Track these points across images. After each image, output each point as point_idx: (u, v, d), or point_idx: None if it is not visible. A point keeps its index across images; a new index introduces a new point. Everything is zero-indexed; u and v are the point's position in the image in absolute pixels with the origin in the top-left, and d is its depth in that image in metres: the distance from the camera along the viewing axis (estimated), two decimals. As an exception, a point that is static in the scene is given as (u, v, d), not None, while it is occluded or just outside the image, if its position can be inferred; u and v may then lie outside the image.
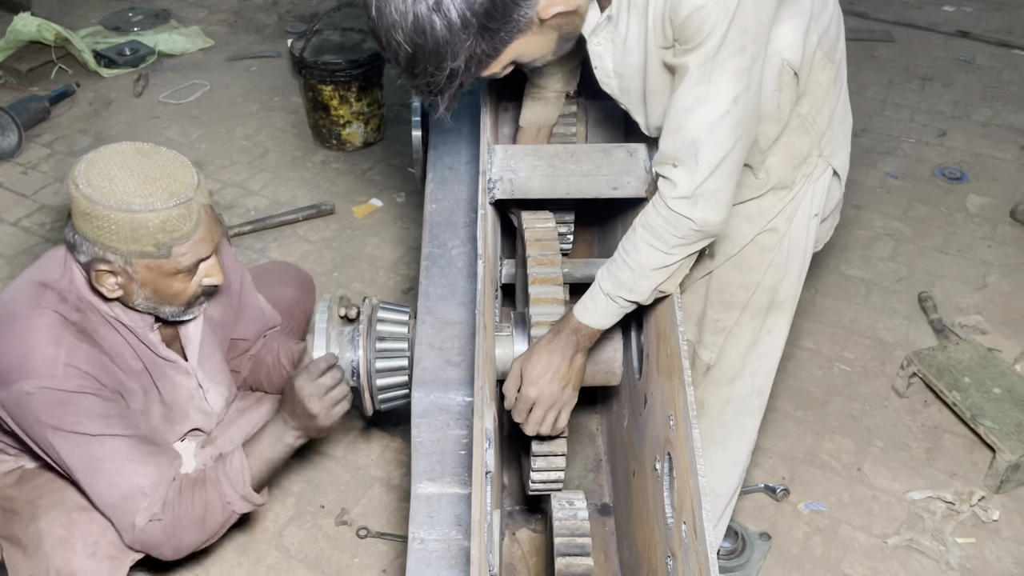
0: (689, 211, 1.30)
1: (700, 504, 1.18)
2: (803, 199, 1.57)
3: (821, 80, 1.46)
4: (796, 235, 1.60)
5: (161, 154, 1.61)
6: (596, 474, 2.31)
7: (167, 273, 1.63)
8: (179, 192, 1.56)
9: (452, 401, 1.49)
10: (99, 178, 1.54)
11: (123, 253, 1.57)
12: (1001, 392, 2.45)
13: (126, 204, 1.52)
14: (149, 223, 1.54)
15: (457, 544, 1.40)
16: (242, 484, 1.77)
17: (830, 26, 1.45)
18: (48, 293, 1.67)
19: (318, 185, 3.49)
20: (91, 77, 4.16)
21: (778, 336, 1.71)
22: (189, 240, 1.60)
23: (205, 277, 1.70)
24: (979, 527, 2.27)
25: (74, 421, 1.63)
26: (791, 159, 1.52)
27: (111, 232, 1.54)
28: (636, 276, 1.38)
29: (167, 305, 1.70)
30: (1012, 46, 4.49)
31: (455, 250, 1.68)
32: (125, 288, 1.64)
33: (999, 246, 3.22)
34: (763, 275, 1.63)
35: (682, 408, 1.31)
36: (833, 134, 1.54)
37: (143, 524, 1.69)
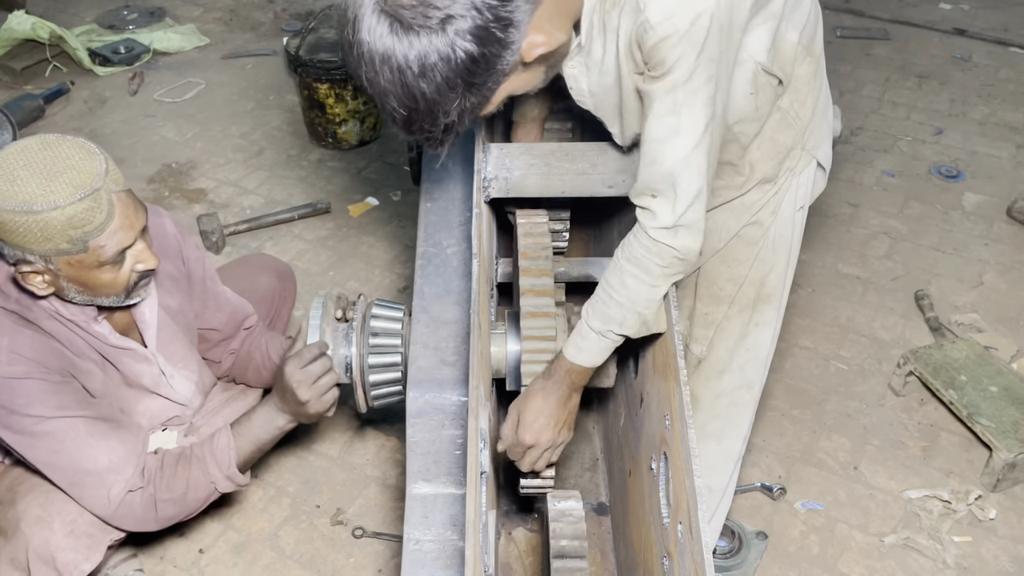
0: (671, 240, 1.32)
1: (696, 504, 1.18)
2: (787, 192, 1.58)
3: (801, 74, 1.46)
4: (782, 228, 1.60)
5: (66, 145, 1.54)
6: (592, 473, 2.30)
7: (90, 266, 1.58)
8: (83, 184, 1.50)
9: (447, 401, 1.49)
10: (2, 181, 1.49)
11: (40, 253, 1.53)
12: (997, 390, 2.44)
13: (28, 206, 1.47)
14: (55, 221, 1.49)
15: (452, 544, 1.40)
16: (227, 463, 1.77)
17: (808, 21, 1.44)
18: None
19: (314, 184, 3.48)
20: (86, 75, 4.15)
21: (766, 329, 1.71)
22: (104, 231, 1.55)
23: (137, 263, 1.65)
24: (976, 526, 2.27)
25: (24, 404, 1.62)
26: (775, 153, 1.52)
27: (21, 235, 1.50)
28: (624, 311, 1.39)
29: (103, 296, 1.67)
30: (1009, 44, 4.49)
31: (450, 249, 1.68)
32: (54, 284, 1.62)
33: (995, 244, 3.21)
34: (749, 268, 1.63)
35: (678, 407, 1.31)
36: (816, 127, 1.55)
37: (120, 496, 1.69)
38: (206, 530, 2.24)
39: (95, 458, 1.68)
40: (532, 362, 1.57)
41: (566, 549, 1.52)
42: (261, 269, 2.34)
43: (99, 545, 1.78)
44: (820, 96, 1.54)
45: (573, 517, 1.56)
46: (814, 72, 1.49)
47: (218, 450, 1.78)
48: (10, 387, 1.62)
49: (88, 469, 1.68)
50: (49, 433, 1.65)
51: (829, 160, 1.61)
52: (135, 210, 1.60)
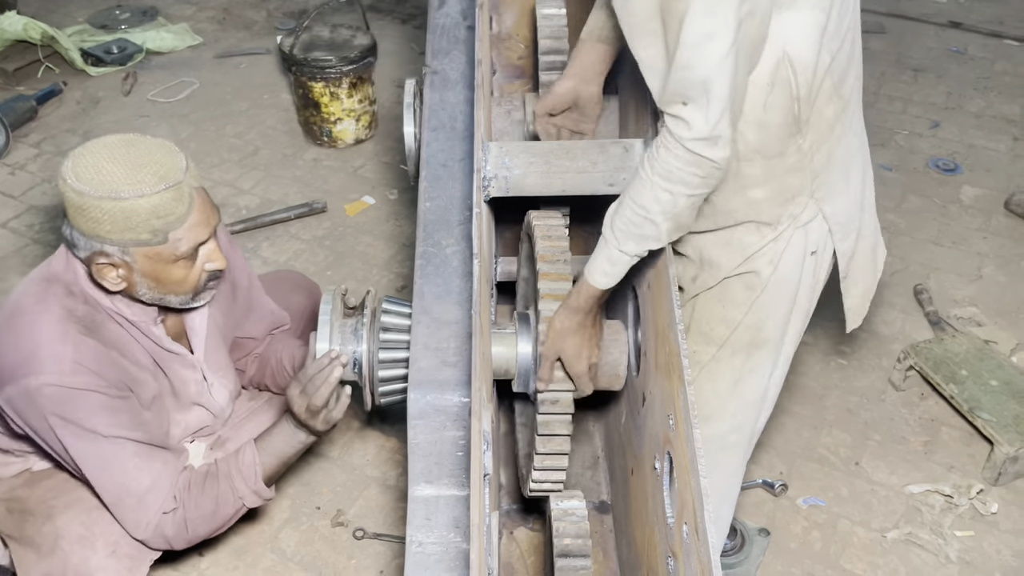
0: (710, 152, 1.27)
1: (702, 505, 1.17)
2: (789, 243, 1.51)
3: (826, 113, 1.40)
4: (787, 273, 1.53)
5: (148, 142, 1.60)
6: (593, 471, 2.29)
7: (167, 260, 1.61)
8: (168, 176, 1.55)
9: (449, 402, 1.47)
10: (87, 170, 1.53)
11: (119, 243, 1.56)
12: (998, 384, 2.44)
13: (115, 192, 1.51)
14: (140, 209, 1.53)
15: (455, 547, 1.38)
16: (253, 478, 1.77)
17: (840, 54, 1.38)
18: (55, 287, 1.66)
19: (309, 183, 3.46)
20: (78, 76, 4.12)
21: (760, 376, 1.66)
22: (184, 224, 1.59)
23: (207, 262, 1.68)
24: (978, 520, 2.27)
25: (82, 417, 1.62)
26: (780, 195, 1.46)
27: (104, 223, 1.53)
28: (659, 227, 1.36)
29: (172, 294, 1.69)
30: (1004, 36, 4.48)
31: (449, 249, 1.66)
32: (128, 280, 1.63)
33: (993, 237, 3.21)
34: (745, 315, 1.58)
35: (682, 407, 1.30)
36: (829, 178, 1.47)
37: (156, 518, 1.70)
38: (206, 533, 2.23)
39: (139, 480, 1.68)
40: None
41: (570, 548, 1.51)
42: (295, 288, 2.34)
43: (139, 567, 1.78)
44: (840, 146, 1.47)
45: (576, 516, 1.56)
46: (838, 116, 1.43)
47: (244, 466, 1.77)
48: (71, 398, 1.61)
49: (131, 490, 1.68)
50: (100, 449, 1.65)
51: (841, 219, 1.52)
52: (211, 207, 1.65)
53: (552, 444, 1.62)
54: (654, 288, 1.54)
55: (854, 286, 1.64)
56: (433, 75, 1.96)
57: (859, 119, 1.52)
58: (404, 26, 4.59)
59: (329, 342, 1.73)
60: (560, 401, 1.60)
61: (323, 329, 1.72)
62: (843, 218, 1.52)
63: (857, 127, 1.52)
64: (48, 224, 3.25)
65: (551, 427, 1.61)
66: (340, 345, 1.73)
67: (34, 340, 1.61)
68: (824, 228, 1.51)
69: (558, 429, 1.61)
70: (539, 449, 1.62)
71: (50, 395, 1.60)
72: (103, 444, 1.65)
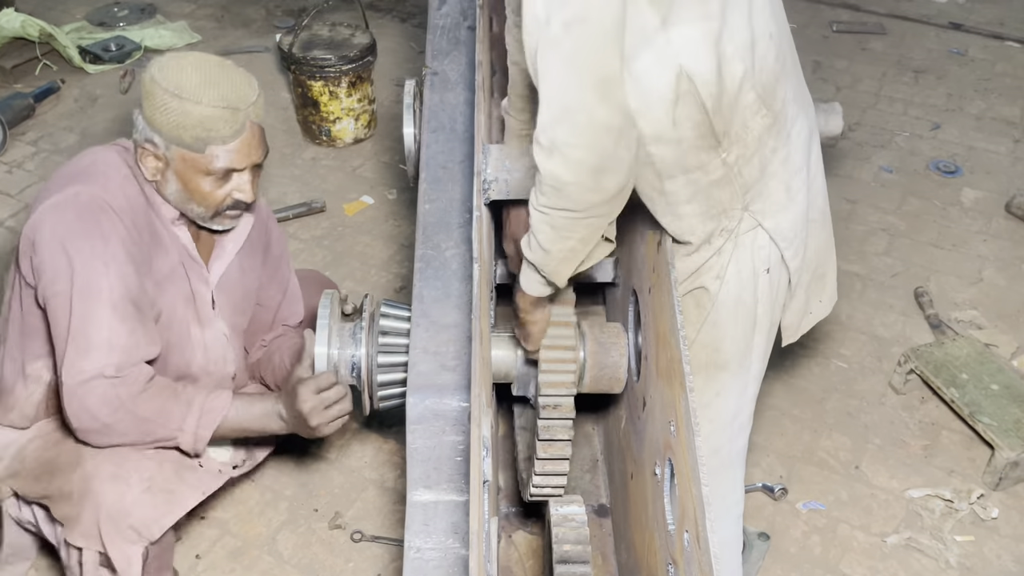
0: (541, 158, 1.18)
1: (703, 513, 1.16)
2: (732, 256, 1.47)
3: (752, 127, 1.35)
4: (740, 292, 1.49)
5: (236, 71, 1.73)
6: (592, 475, 2.28)
7: (199, 170, 1.72)
8: (230, 99, 1.68)
9: (448, 407, 1.46)
10: (171, 68, 1.68)
11: (165, 137, 1.69)
12: (999, 388, 2.43)
13: (178, 89, 1.65)
14: (193, 113, 1.65)
15: (454, 553, 1.37)
16: (208, 424, 1.74)
17: (762, 65, 1.33)
18: (119, 147, 1.82)
19: (308, 182, 3.45)
20: (76, 73, 4.10)
21: (728, 398, 1.63)
22: (226, 145, 1.70)
23: (235, 190, 1.77)
24: (978, 525, 2.26)
25: (96, 237, 1.66)
26: (709, 209, 1.41)
27: (160, 112, 1.67)
28: (532, 237, 1.31)
29: (195, 204, 1.77)
30: (1005, 38, 4.47)
31: (449, 251, 1.65)
32: (162, 174, 1.74)
33: (994, 240, 3.20)
34: (698, 332, 1.54)
35: (684, 414, 1.28)
36: (765, 190, 1.42)
37: (89, 375, 1.64)
38: (202, 535, 2.21)
39: (99, 329, 1.65)
40: (551, 371, 1.55)
41: (569, 554, 1.50)
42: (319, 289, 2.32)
43: (179, 501, 1.76)
44: (775, 159, 1.41)
45: (576, 522, 1.54)
46: (768, 129, 1.37)
47: (209, 407, 1.74)
48: (100, 212, 1.67)
49: (87, 334, 1.64)
50: (90, 277, 1.65)
51: (785, 235, 1.46)
52: (258, 144, 1.77)
53: (553, 449, 1.61)
54: (655, 293, 1.53)
55: (792, 299, 1.61)
56: (433, 76, 1.95)
57: (802, 134, 1.46)
58: (403, 25, 4.58)
59: (328, 345, 1.72)
60: (561, 406, 1.59)
61: (322, 332, 1.71)
62: (790, 233, 1.48)
63: (798, 142, 1.46)
64: (45, 223, 3.23)
65: (552, 432, 1.60)
66: (339, 348, 1.71)
67: (92, 162, 1.75)
68: (772, 244, 1.47)
69: (559, 434, 1.60)
70: (540, 454, 1.61)
71: (84, 202, 1.67)
72: (97, 273, 1.65)
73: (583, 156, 1.16)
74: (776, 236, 1.47)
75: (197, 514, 2.25)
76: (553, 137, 1.15)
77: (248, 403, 1.80)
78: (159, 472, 1.73)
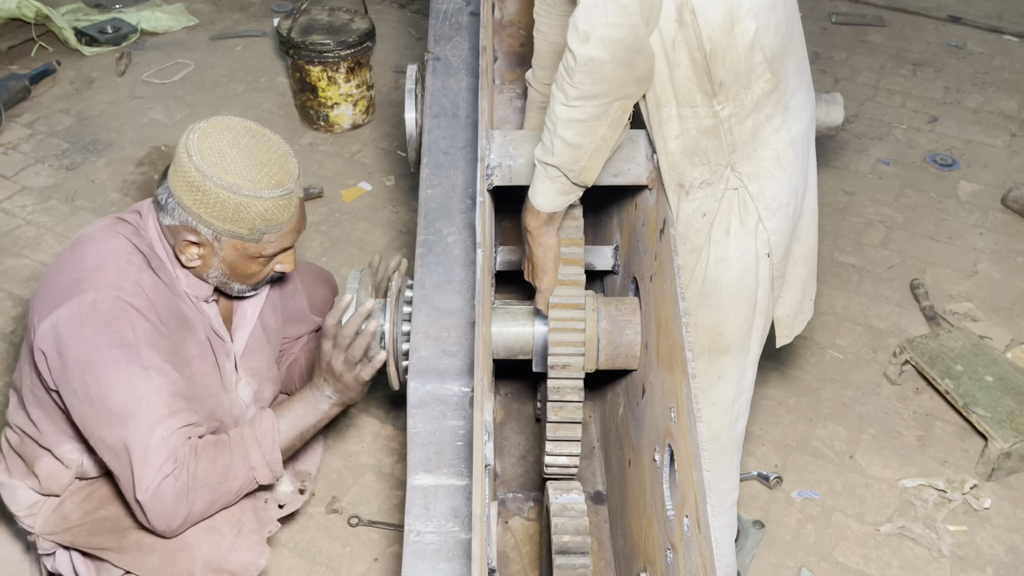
0: (575, 43, 1.24)
1: (704, 498, 1.16)
2: (722, 218, 1.49)
3: (754, 88, 1.38)
4: (742, 275, 1.52)
5: (269, 139, 1.62)
6: (589, 461, 2.29)
7: (250, 256, 1.65)
8: (284, 183, 1.59)
9: (449, 391, 1.47)
10: (211, 153, 1.55)
11: (216, 229, 1.59)
12: (993, 380, 2.45)
13: (236, 187, 1.54)
14: (253, 208, 1.56)
15: (454, 536, 1.38)
16: (270, 447, 1.66)
17: (773, 32, 1.37)
18: (124, 226, 1.67)
19: (306, 168, 3.44)
20: (72, 55, 4.08)
21: (729, 382, 1.65)
22: (282, 230, 1.63)
23: (278, 264, 1.72)
24: (971, 515, 2.28)
25: (129, 342, 1.54)
26: (693, 153, 1.44)
27: (213, 208, 1.56)
28: (550, 135, 1.34)
29: (237, 282, 1.71)
30: (1003, 32, 4.48)
31: (451, 237, 1.65)
32: (204, 260, 1.65)
33: (990, 233, 3.22)
34: (697, 310, 1.56)
35: (685, 401, 1.29)
36: (755, 155, 1.45)
37: (156, 483, 1.54)
38: (200, 518, 2.22)
39: (153, 431, 1.54)
40: (561, 330, 1.55)
41: (568, 545, 1.50)
42: (317, 279, 2.30)
43: (264, 540, 1.72)
44: (770, 127, 1.43)
45: (575, 512, 1.55)
46: (768, 95, 1.40)
47: (261, 433, 1.66)
48: (125, 316, 1.55)
49: (144, 441, 1.54)
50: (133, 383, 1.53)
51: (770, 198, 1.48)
52: (304, 218, 1.69)
53: (564, 412, 1.60)
54: (657, 280, 1.53)
55: (787, 294, 1.62)
56: (435, 61, 1.94)
57: (802, 109, 1.48)
58: (402, 11, 4.56)
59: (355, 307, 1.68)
60: (570, 365, 1.59)
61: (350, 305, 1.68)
62: (773, 203, 1.49)
63: (796, 115, 1.48)
64: (41, 205, 3.22)
65: (562, 393, 1.59)
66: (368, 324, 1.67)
67: (99, 257, 1.60)
68: (754, 211, 1.49)
69: (569, 395, 1.60)
70: (551, 417, 1.61)
71: (105, 310, 1.54)
72: (138, 379, 1.54)
73: (621, 35, 1.24)
74: (759, 202, 1.49)
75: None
76: (592, 20, 1.23)
77: (289, 406, 1.74)
78: (243, 516, 1.69)
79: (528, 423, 2.38)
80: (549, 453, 1.66)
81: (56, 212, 3.19)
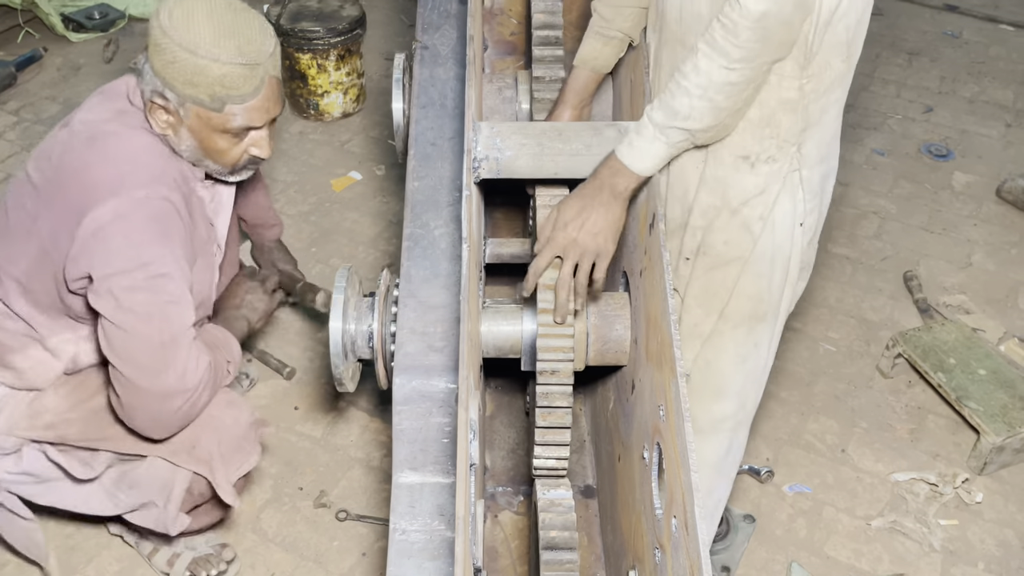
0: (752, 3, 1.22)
1: (692, 500, 1.15)
2: (778, 199, 1.48)
3: (834, 64, 1.38)
4: (780, 240, 1.52)
5: (249, 15, 1.62)
6: (579, 455, 2.28)
7: (215, 128, 1.64)
8: (248, 53, 1.58)
9: (435, 388, 1.44)
10: (180, 17, 1.56)
11: (180, 94, 1.60)
12: (986, 373, 2.44)
13: (194, 46, 1.55)
14: (210, 72, 1.56)
15: (439, 535, 1.36)
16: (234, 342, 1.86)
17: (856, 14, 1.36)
18: (131, 116, 1.69)
19: (295, 157, 3.40)
20: (59, 42, 4.02)
21: (762, 351, 1.65)
22: (244, 103, 1.62)
23: (252, 146, 1.71)
24: (962, 509, 2.27)
25: (172, 240, 1.62)
26: (767, 125, 1.42)
27: (173, 68, 1.57)
28: (693, 99, 1.31)
29: (210, 161, 1.71)
30: (999, 21, 4.45)
31: (438, 231, 1.62)
32: (173, 129, 1.66)
33: (984, 224, 3.20)
34: (738, 277, 1.55)
35: (673, 399, 1.27)
36: (817, 135, 1.45)
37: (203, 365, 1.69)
38: (186, 513, 2.19)
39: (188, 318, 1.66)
40: (549, 336, 1.53)
41: (555, 540, 1.49)
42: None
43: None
44: (833, 110, 1.44)
45: (563, 507, 1.53)
46: (841, 77, 1.40)
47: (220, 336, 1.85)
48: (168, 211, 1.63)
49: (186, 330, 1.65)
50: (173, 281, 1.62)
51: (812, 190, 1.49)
52: (276, 100, 1.68)
53: (553, 417, 1.59)
54: (647, 275, 1.51)
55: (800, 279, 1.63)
56: (423, 50, 1.91)
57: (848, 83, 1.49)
58: (394, -3, 4.51)
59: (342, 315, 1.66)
60: (559, 371, 1.57)
61: (338, 296, 1.66)
62: (817, 188, 1.51)
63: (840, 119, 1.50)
64: (27, 194, 3.18)
65: (551, 399, 1.58)
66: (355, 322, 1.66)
67: (132, 152, 1.64)
68: (801, 195, 1.49)
69: (558, 401, 1.58)
70: (539, 423, 1.60)
71: (155, 207, 1.61)
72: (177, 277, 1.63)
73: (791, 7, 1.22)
74: (806, 188, 1.49)
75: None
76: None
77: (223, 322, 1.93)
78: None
79: (519, 416, 2.36)
80: (538, 456, 1.64)
81: (42, 201, 3.15)
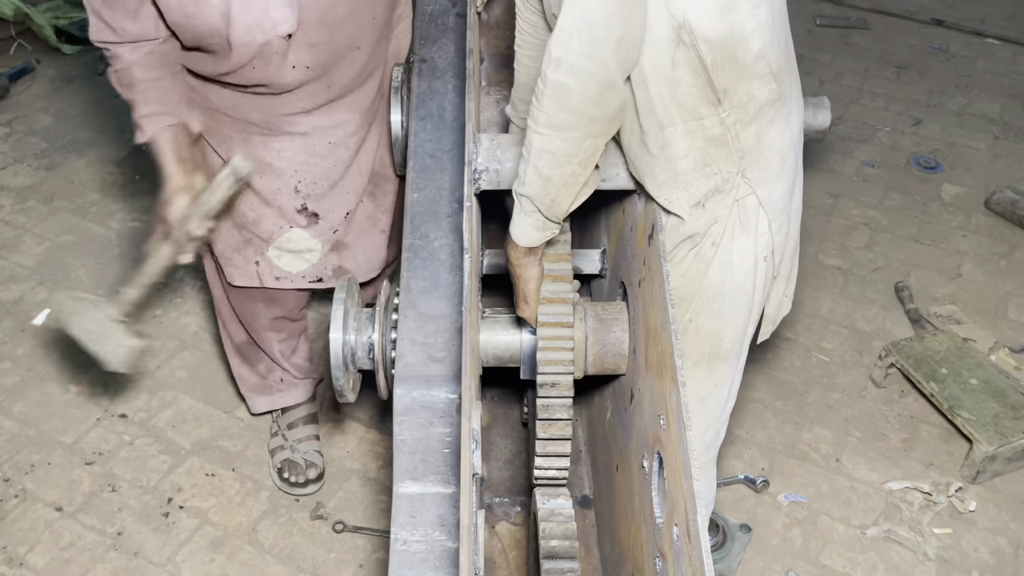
0: (549, 68, 1.21)
1: (694, 508, 1.15)
2: (733, 234, 1.47)
3: (757, 96, 1.37)
4: (742, 279, 1.51)
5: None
6: (576, 465, 2.28)
7: None
8: None
9: (436, 398, 1.45)
10: None
11: None
12: (978, 383, 2.46)
13: None
14: None
15: (440, 545, 1.36)
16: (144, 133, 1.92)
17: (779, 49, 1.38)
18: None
19: (290, 168, 3.40)
20: (52, 54, 4.02)
21: (724, 390, 1.64)
22: None
23: None
24: (956, 518, 2.28)
25: None
26: (704, 165, 1.42)
27: None
28: (524, 164, 1.32)
29: None
30: (986, 35, 4.51)
31: (437, 242, 1.63)
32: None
33: (973, 236, 3.23)
34: (698, 317, 1.54)
35: (674, 408, 1.28)
36: (762, 159, 1.44)
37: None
38: (182, 525, 2.19)
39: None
40: (549, 348, 1.53)
41: (556, 550, 1.49)
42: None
43: None
44: (773, 131, 1.43)
45: (563, 516, 1.54)
46: (772, 102, 1.39)
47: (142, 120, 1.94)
48: None
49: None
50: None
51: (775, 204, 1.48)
52: None
53: (553, 429, 1.60)
54: (646, 286, 1.52)
55: (773, 292, 1.61)
56: (421, 63, 1.92)
57: (799, 118, 1.50)
58: (387, 10, 4.53)
59: (343, 326, 1.66)
60: (559, 384, 1.58)
61: (337, 309, 1.66)
62: (779, 205, 1.50)
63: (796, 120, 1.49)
64: (20, 205, 3.17)
65: (551, 411, 1.59)
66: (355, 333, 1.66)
67: None
68: (765, 223, 1.49)
69: (558, 413, 1.59)
70: (540, 435, 1.60)
71: None
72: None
73: (592, 68, 1.20)
74: (767, 205, 1.48)
75: (176, 503, 2.23)
76: (566, 47, 1.19)
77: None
78: None
79: (515, 427, 2.36)
80: (538, 467, 1.65)
81: (35, 213, 3.15)
